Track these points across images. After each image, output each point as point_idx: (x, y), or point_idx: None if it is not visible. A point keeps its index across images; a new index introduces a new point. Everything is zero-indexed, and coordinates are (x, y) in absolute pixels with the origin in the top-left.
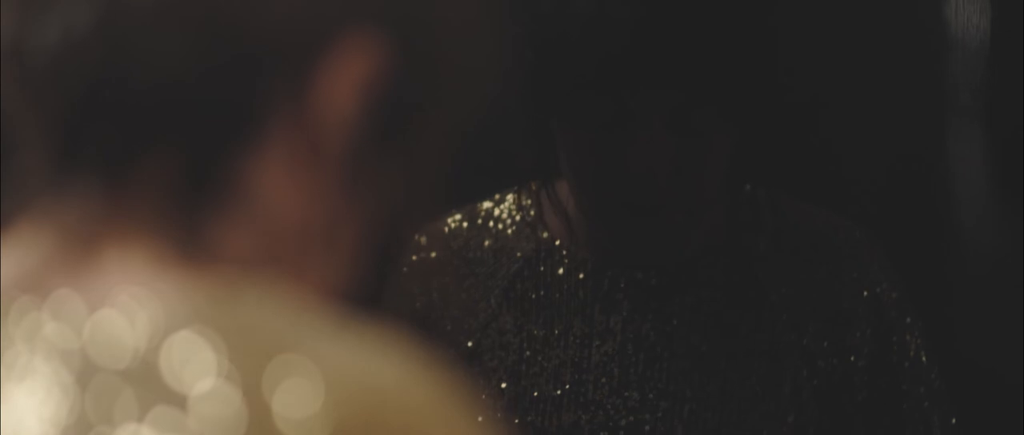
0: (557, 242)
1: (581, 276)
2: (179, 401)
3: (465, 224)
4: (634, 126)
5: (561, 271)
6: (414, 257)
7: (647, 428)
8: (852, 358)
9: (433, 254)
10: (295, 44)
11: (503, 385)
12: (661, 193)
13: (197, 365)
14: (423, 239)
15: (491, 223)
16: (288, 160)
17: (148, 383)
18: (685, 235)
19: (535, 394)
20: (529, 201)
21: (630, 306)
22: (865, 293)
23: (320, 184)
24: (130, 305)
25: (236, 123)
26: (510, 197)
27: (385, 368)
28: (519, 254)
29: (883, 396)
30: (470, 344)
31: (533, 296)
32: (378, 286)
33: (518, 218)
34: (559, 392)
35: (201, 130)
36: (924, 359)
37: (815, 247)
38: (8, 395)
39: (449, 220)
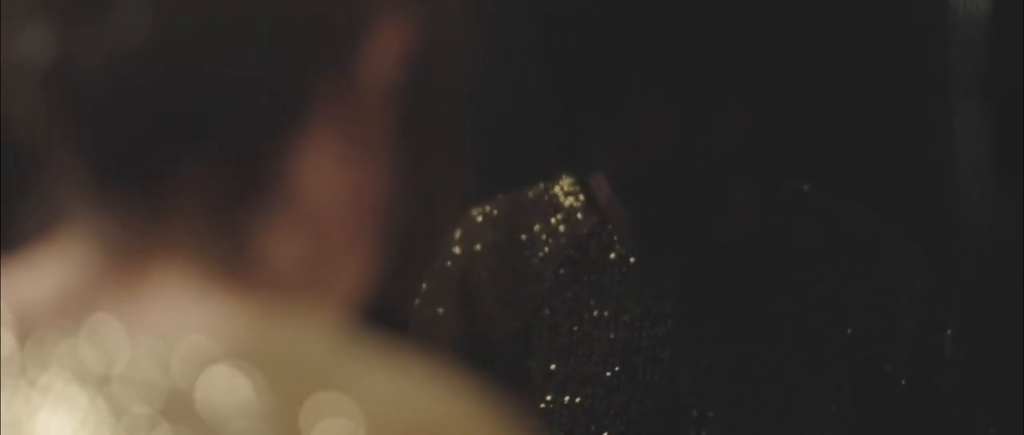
0: (608, 227)
1: (631, 260)
2: None
3: (512, 210)
4: (636, 99)
5: (612, 255)
6: (461, 242)
7: (694, 413)
8: (893, 351)
9: (481, 239)
10: (336, 29)
11: (553, 367)
12: (671, 164)
13: (234, 399)
14: (470, 223)
15: (540, 209)
16: (335, 153)
17: (183, 416)
18: (713, 212)
19: (585, 375)
20: (577, 187)
21: (679, 291)
22: (905, 288)
23: (368, 175)
24: (168, 332)
25: (280, 120)
26: (559, 183)
27: (429, 403)
28: (569, 239)
29: (921, 389)
30: (520, 325)
31: (584, 279)
32: (424, 271)
33: (567, 204)
34: (609, 374)
35: (245, 130)
36: (959, 356)
37: (857, 241)
38: (40, 422)
39: (493, 206)
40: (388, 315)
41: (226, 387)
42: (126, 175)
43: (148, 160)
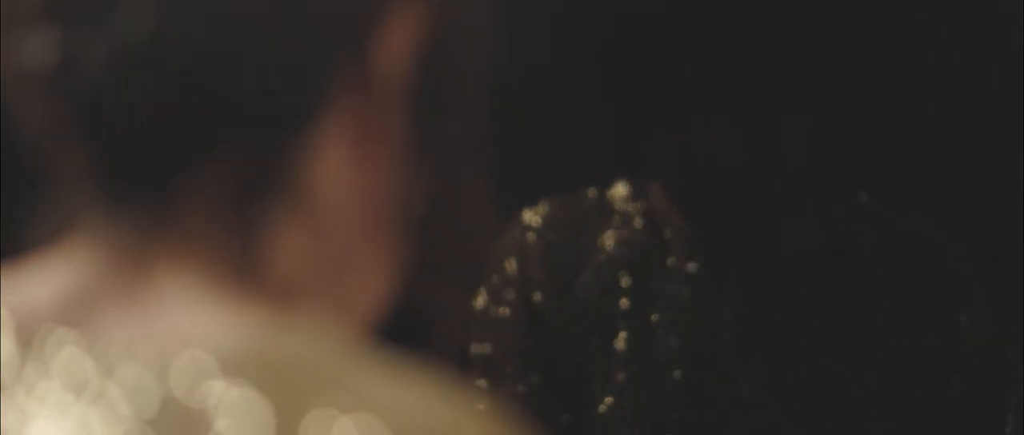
0: (667, 234)
1: (691, 268)
2: None
3: (569, 214)
4: (698, 109)
5: (671, 262)
6: (520, 243)
7: (753, 422)
8: (956, 364)
9: (539, 242)
10: (350, 23)
11: (612, 372)
12: (732, 173)
13: (235, 408)
14: (528, 225)
15: (597, 214)
16: (350, 153)
17: (182, 426)
18: (774, 222)
19: (644, 382)
20: (635, 194)
21: (739, 300)
22: (967, 301)
23: (385, 175)
24: (172, 340)
25: (293, 119)
26: (616, 189)
27: (436, 413)
28: (628, 245)
29: (986, 405)
30: (579, 330)
31: (643, 285)
32: (485, 271)
33: (625, 210)
34: (668, 381)
35: (256, 131)
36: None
37: (919, 253)
38: (37, 430)
39: (551, 208)
40: (409, 319)
41: (228, 396)
42: (133, 178)
43: (156, 163)
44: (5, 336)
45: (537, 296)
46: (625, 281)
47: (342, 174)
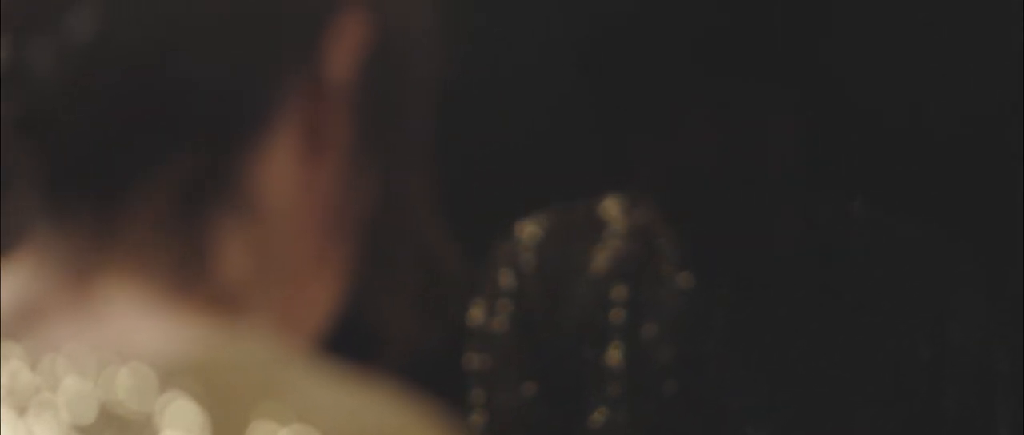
0: (658, 244)
1: (682, 276)
2: None
3: (561, 226)
4: (681, 117)
5: (662, 272)
6: (513, 256)
7: (748, 430)
8: (946, 367)
9: (533, 254)
10: (298, 25)
11: (606, 382)
12: (718, 180)
13: (177, 424)
14: (521, 238)
15: (588, 226)
16: (299, 158)
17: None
18: (763, 227)
19: (639, 392)
20: (624, 205)
21: (731, 307)
22: (957, 304)
23: (334, 181)
24: (115, 353)
25: (240, 123)
26: (605, 201)
27: (376, 418)
28: (619, 256)
29: (976, 408)
30: (573, 341)
31: (636, 296)
32: (479, 285)
33: (615, 221)
34: (662, 391)
35: (202, 136)
36: (1012, 373)
37: (908, 255)
38: None
39: (543, 221)
40: (358, 325)
41: (168, 407)
42: (80, 186)
43: (102, 170)
44: None
45: (531, 308)
46: (618, 292)
47: (290, 180)
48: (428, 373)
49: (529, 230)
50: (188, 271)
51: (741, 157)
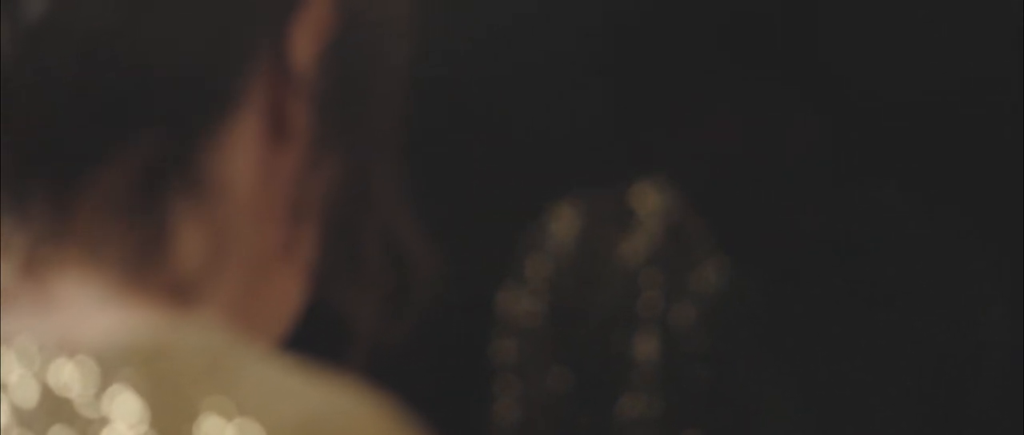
0: (685, 231)
1: (710, 264)
2: None
3: (590, 211)
4: (705, 107)
5: (690, 259)
6: (547, 238)
7: (775, 415)
8: (977, 357)
9: (564, 237)
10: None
11: (637, 366)
12: (744, 169)
13: (121, 416)
14: (552, 222)
15: (616, 212)
16: (261, 145)
17: (69, 427)
18: (789, 216)
19: (668, 377)
20: (651, 192)
21: (758, 295)
22: (986, 292)
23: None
24: (64, 344)
25: (201, 109)
26: (631, 188)
27: (324, 406)
28: (647, 243)
29: (1008, 399)
30: (603, 326)
31: (664, 283)
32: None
33: (642, 208)
34: (692, 377)
35: (162, 121)
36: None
37: (943, 254)
38: None
39: (572, 205)
40: (323, 313)
41: (113, 399)
42: (35, 174)
43: (59, 157)
44: None
45: (561, 296)
46: (648, 280)
47: (253, 167)
48: (456, 361)
49: (559, 217)
50: (146, 260)
51: (768, 145)
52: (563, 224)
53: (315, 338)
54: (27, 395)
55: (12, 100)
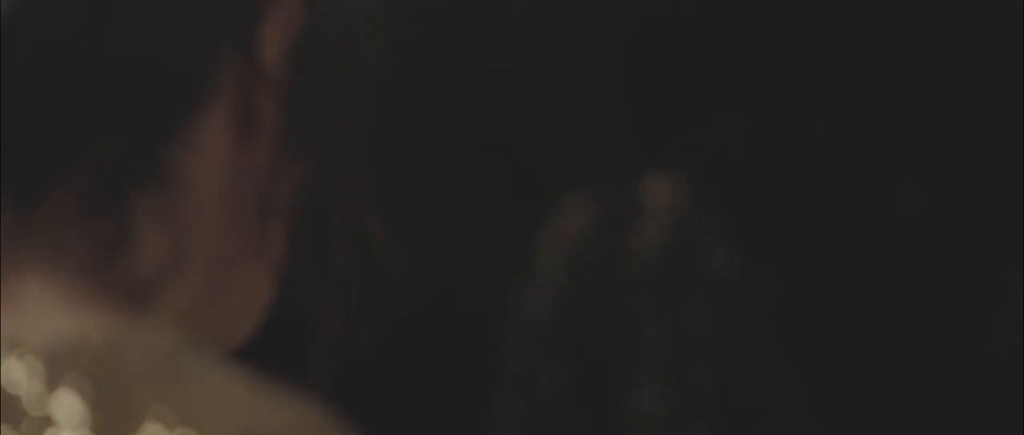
0: (696, 226)
1: (722, 259)
2: None
3: (603, 206)
4: (713, 106)
5: (702, 253)
6: (561, 233)
7: (787, 412)
8: (995, 356)
9: (578, 231)
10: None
11: (649, 361)
12: (752, 166)
13: (65, 421)
14: (566, 216)
15: (629, 207)
16: (229, 144)
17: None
18: (799, 212)
19: (680, 372)
20: (662, 187)
21: (771, 289)
22: (998, 286)
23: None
24: (12, 346)
25: (167, 108)
26: (642, 183)
27: (268, 414)
28: (659, 237)
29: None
30: (613, 326)
31: (676, 277)
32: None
33: (653, 203)
34: (704, 371)
35: (127, 120)
36: None
37: (945, 239)
38: None
39: (586, 200)
40: (290, 316)
41: (57, 403)
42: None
43: (20, 157)
44: None
45: (571, 289)
46: (659, 275)
47: (221, 166)
48: (462, 356)
49: (570, 211)
50: (108, 260)
51: (778, 141)
52: (574, 218)
53: (282, 338)
54: None
55: None
